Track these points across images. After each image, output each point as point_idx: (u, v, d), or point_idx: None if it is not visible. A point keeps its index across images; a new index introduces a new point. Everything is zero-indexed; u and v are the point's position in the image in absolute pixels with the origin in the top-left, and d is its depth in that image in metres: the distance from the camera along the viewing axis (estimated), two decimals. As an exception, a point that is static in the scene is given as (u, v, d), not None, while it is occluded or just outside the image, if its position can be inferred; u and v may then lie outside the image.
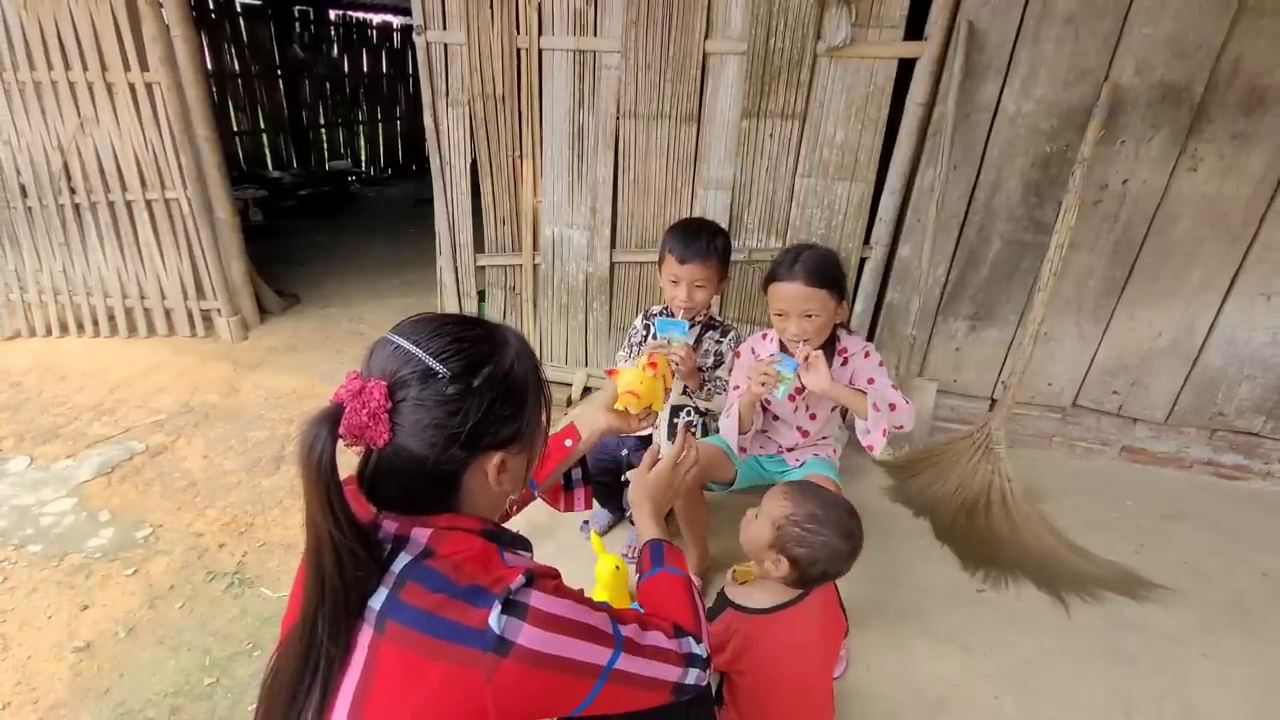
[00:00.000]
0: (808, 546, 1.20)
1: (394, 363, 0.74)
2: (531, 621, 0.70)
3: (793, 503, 1.25)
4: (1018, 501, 2.28)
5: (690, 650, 0.88)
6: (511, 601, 0.70)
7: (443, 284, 3.05)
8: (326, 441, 0.68)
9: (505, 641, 0.68)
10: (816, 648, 1.29)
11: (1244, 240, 2.31)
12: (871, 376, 1.77)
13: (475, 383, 0.75)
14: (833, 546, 1.21)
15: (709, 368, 1.96)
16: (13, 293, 3.63)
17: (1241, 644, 1.87)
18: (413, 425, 0.73)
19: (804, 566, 1.21)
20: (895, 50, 2.34)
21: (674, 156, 2.64)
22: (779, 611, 1.25)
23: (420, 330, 0.77)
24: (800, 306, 1.63)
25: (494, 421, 0.77)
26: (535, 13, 2.51)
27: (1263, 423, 2.54)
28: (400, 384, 0.73)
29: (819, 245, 1.71)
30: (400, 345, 0.75)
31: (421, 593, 0.70)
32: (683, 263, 1.80)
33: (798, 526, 1.22)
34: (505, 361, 0.79)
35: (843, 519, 1.25)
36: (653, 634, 0.85)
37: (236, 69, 6.60)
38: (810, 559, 1.21)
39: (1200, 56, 2.12)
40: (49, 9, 3.06)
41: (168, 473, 2.53)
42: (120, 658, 1.77)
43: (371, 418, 0.70)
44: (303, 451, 0.68)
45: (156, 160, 3.32)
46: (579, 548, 2.05)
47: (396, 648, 0.69)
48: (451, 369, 0.74)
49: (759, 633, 1.24)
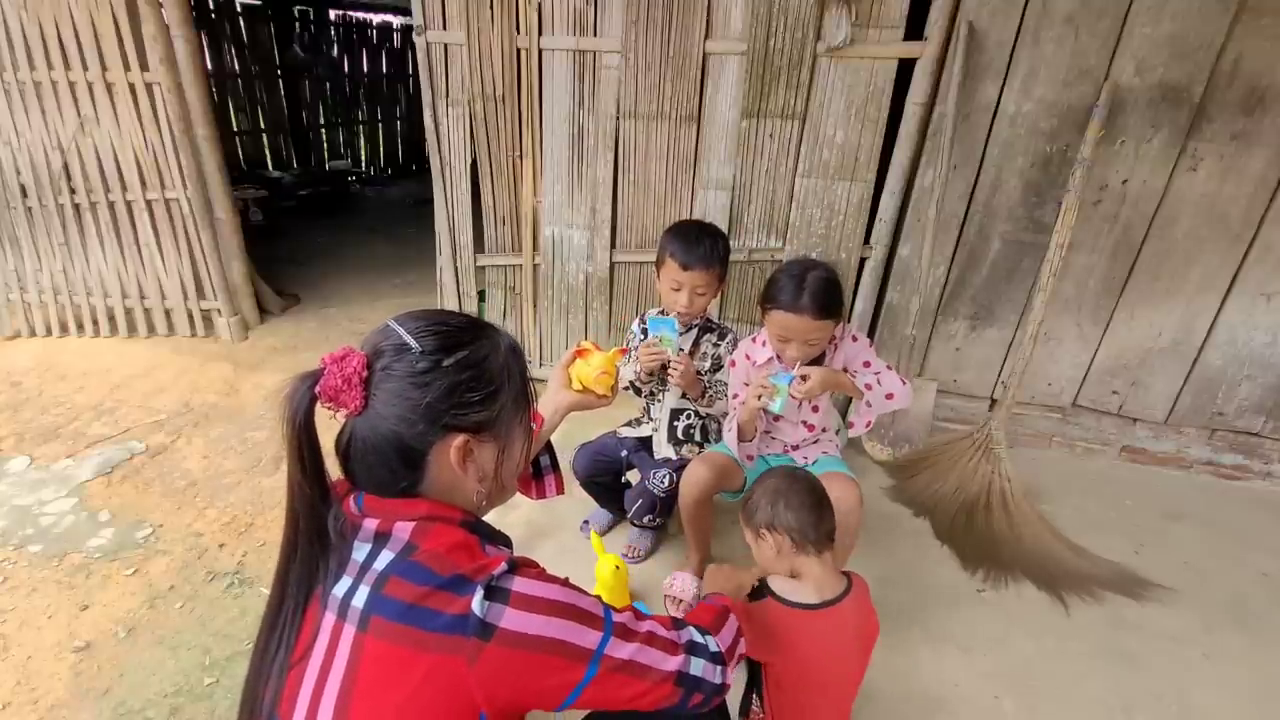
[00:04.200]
0: (759, 505, 1.31)
1: (379, 338, 0.80)
2: (514, 605, 0.71)
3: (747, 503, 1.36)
4: (1017, 501, 2.28)
5: (691, 638, 0.87)
6: (494, 587, 0.71)
7: (443, 284, 3.05)
8: (304, 396, 0.74)
9: (487, 625, 0.68)
10: (853, 646, 1.31)
11: (1244, 240, 2.31)
12: (866, 360, 1.78)
13: (445, 362, 0.78)
14: (770, 486, 1.31)
15: (707, 370, 1.96)
16: (13, 293, 3.63)
17: (1241, 644, 1.88)
18: (385, 395, 0.77)
19: (773, 520, 1.27)
20: (895, 50, 2.34)
21: (674, 157, 2.64)
22: (824, 609, 1.25)
23: (412, 315, 0.83)
24: (805, 337, 1.63)
25: (460, 404, 0.79)
26: (535, 13, 2.51)
27: (1262, 423, 2.54)
28: (378, 354, 0.78)
29: (819, 264, 1.67)
30: (388, 325, 0.81)
31: (405, 586, 0.71)
32: (686, 269, 1.78)
33: (747, 508, 1.34)
34: (482, 350, 0.82)
35: (780, 472, 1.36)
36: (649, 623, 0.84)
37: (236, 69, 6.58)
38: (767, 508, 1.29)
39: (1200, 56, 2.12)
40: (49, 9, 3.06)
41: (168, 473, 2.53)
42: (120, 658, 1.77)
43: (345, 381, 0.75)
44: (283, 402, 0.74)
45: (156, 160, 3.31)
46: (579, 548, 2.05)
47: (381, 642, 0.69)
48: (425, 346, 0.78)
49: (802, 628, 1.24)
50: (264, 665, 0.76)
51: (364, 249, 5.44)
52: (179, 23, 3.13)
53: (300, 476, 0.75)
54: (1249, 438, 2.59)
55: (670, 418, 1.99)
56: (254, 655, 0.78)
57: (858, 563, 1.35)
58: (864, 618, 1.33)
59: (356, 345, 0.80)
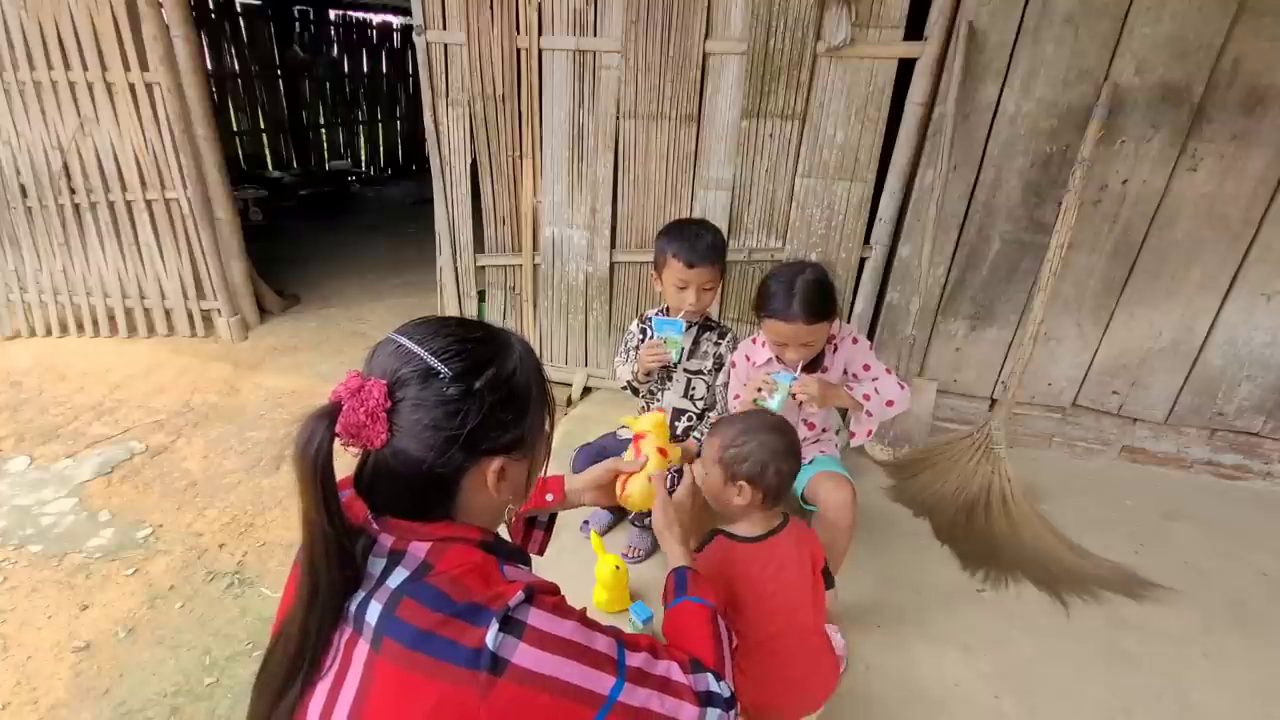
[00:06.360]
0: (749, 457, 1.27)
1: (395, 362, 0.73)
2: (528, 640, 0.68)
3: (720, 435, 1.32)
4: (1017, 501, 2.28)
5: (708, 688, 0.82)
6: (509, 619, 0.68)
7: (443, 284, 3.05)
8: (324, 438, 0.67)
9: (500, 660, 0.66)
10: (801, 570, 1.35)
11: (1244, 240, 2.31)
12: (866, 363, 1.79)
13: (477, 385, 0.73)
14: (769, 444, 1.27)
15: (710, 370, 1.96)
16: (13, 293, 3.63)
17: (1241, 644, 1.87)
18: (411, 426, 0.71)
19: (759, 476, 1.27)
20: (895, 50, 2.34)
21: (674, 157, 2.64)
22: (767, 539, 1.32)
23: (423, 330, 0.76)
24: (800, 340, 1.66)
25: (495, 426, 0.75)
26: (535, 13, 2.51)
27: (1262, 423, 2.54)
28: (400, 383, 0.71)
29: (808, 265, 1.67)
30: (402, 345, 0.74)
31: (419, 610, 0.68)
32: (691, 267, 1.79)
33: (734, 448, 1.28)
34: (508, 365, 0.77)
35: (768, 420, 1.34)
36: (664, 664, 0.80)
37: (236, 69, 6.59)
38: (758, 465, 1.26)
39: (1200, 56, 2.12)
40: (49, 9, 3.06)
41: (168, 473, 2.53)
42: (120, 658, 1.77)
43: (369, 416, 0.69)
44: (299, 447, 0.66)
45: (156, 160, 3.32)
46: (579, 548, 2.05)
47: (393, 666, 0.68)
48: (453, 369, 0.73)
49: (748, 558, 1.31)
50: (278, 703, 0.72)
51: (364, 249, 5.44)
52: (179, 23, 3.13)
53: (324, 522, 0.68)
54: (1249, 438, 2.59)
55: (671, 417, 1.99)
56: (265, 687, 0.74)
57: (857, 563, 1.35)
58: (805, 542, 1.38)
59: (361, 368, 0.74)
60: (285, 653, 0.73)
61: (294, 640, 0.72)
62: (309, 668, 0.71)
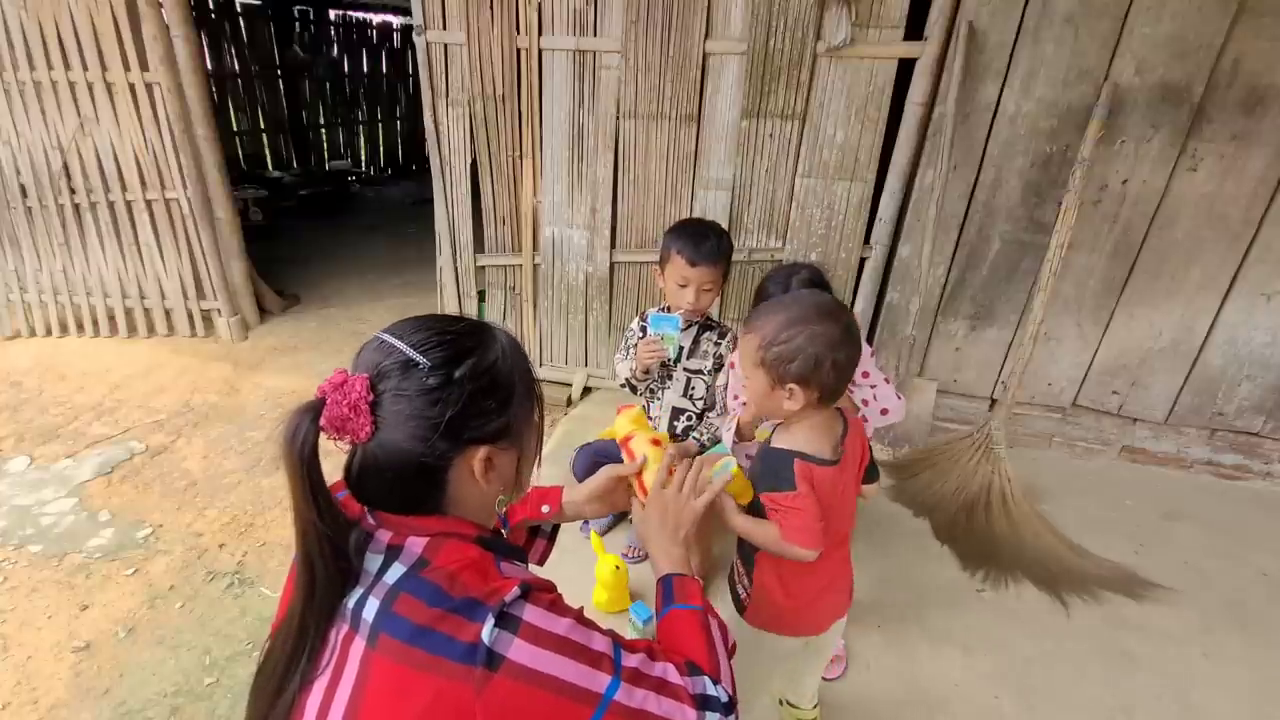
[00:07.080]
0: (799, 354, 1.04)
1: (378, 356, 0.75)
2: (523, 636, 0.69)
3: (759, 331, 1.08)
4: (1017, 501, 2.28)
5: (704, 691, 0.82)
6: (505, 615, 0.69)
7: (443, 284, 3.05)
8: (308, 431, 0.68)
9: (495, 655, 0.67)
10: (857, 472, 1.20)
11: (1244, 240, 2.31)
12: (865, 370, 1.78)
13: (457, 373, 0.75)
14: (820, 334, 1.04)
15: (709, 370, 1.96)
16: (13, 293, 3.63)
17: (1241, 644, 1.88)
18: (394, 417, 0.73)
19: (813, 375, 1.04)
20: (895, 50, 2.34)
21: (674, 157, 2.64)
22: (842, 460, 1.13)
23: (406, 326, 0.78)
24: None
25: (477, 414, 0.76)
26: (535, 13, 2.51)
27: (1262, 423, 2.54)
28: (382, 376, 0.73)
29: (802, 267, 1.65)
30: (385, 340, 0.76)
31: (415, 605, 0.69)
32: (693, 265, 1.79)
33: (778, 345, 1.06)
34: (490, 355, 0.79)
35: (814, 303, 1.09)
36: (661, 665, 0.79)
37: (236, 69, 6.59)
38: (810, 361, 1.04)
39: (1200, 56, 2.12)
40: (49, 9, 3.06)
41: (168, 473, 2.53)
42: (120, 658, 1.77)
43: (352, 409, 0.71)
44: (284, 442, 0.68)
45: (156, 160, 3.32)
46: (579, 548, 2.05)
47: (389, 661, 0.68)
48: (432, 359, 0.74)
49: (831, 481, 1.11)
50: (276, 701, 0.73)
51: (364, 249, 5.45)
52: (179, 23, 3.13)
53: (314, 516, 0.69)
54: (1249, 438, 2.59)
55: (670, 416, 1.99)
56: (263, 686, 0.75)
57: (857, 563, 1.34)
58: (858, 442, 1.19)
59: (349, 367, 0.75)
60: (283, 650, 0.73)
61: (292, 637, 0.73)
62: (306, 665, 0.72)
